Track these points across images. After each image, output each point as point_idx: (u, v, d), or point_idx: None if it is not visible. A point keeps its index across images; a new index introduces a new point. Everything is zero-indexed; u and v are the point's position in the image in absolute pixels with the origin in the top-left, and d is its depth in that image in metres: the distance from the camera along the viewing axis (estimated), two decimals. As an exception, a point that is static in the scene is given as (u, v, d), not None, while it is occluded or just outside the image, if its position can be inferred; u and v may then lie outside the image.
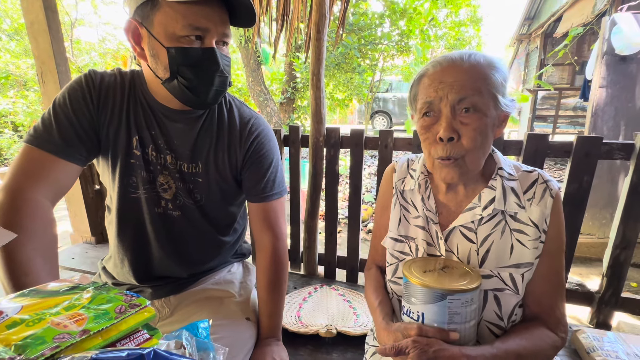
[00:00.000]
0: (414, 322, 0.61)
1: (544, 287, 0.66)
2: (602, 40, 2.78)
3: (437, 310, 0.58)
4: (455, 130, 0.61)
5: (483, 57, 0.63)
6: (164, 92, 0.77)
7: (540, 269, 0.66)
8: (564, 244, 0.68)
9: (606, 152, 1.18)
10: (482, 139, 0.62)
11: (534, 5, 7.06)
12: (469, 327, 0.60)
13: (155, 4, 0.67)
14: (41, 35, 1.61)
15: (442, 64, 0.64)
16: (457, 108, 0.62)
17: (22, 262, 0.65)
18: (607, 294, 1.29)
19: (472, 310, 0.59)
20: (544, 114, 6.43)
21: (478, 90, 0.60)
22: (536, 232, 0.65)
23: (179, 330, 0.50)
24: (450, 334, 0.57)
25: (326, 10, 1.39)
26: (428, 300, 0.58)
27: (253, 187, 0.90)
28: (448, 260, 0.68)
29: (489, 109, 0.61)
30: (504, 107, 0.63)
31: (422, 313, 0.60)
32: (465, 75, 0.61)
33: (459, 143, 0.62)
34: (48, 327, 0.34)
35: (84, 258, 1.75)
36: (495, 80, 0.61)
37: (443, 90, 0.61)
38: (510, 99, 0.64)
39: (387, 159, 1.42)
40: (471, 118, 0.61)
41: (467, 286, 0.58)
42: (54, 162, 0.73)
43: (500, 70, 0.62)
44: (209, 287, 0.96)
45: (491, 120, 0.62)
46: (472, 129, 0.61)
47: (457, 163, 0.63)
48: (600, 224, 2.76)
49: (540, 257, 0.65)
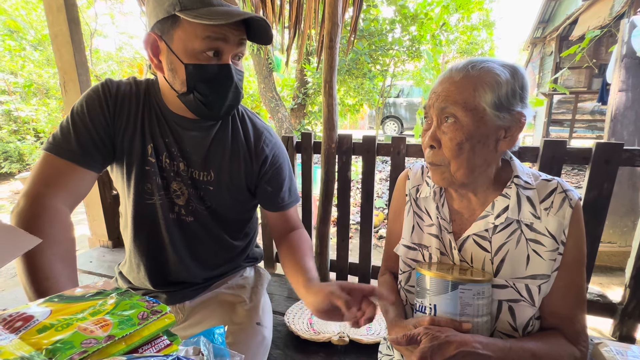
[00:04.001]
0: (426, 315, 0.62)
1: (563, 301, 0.64)
2: (621, 42, 2.71)
3: (449, 301, 0.60)
4: (436, 139, 0.64)
5: (479, 69, 0.60)
6: (178, 102, 0.79)
7: (558, 283, 0.64)
8: (584, 256, 0.65)
9: (627, 158, 1.15)
10: (462, 150, 0.61)
11: (548, 8, 6.95)
12: (481, 322, 0.60)
13: (175, 20, 0.69)
14: (64, 47, 1.68)
15: (444, 74, 0.65)
16: (441, 117, 0.63)
17: (43, 267, 0.67)
18: (631, 305, 1.24)
19: (484, 304, 0.60)
20: (560, 118, 6.28)
21: (461, 102, 0.60)
22: (553, 243, 0.63)
23: (197, 336, 0.51)
24: (463, 324, 0.58)
25: (338, 19, 1.40)
26: (440, 290, 0.60)
27: (272, 199, 0.93)
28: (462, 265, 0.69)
29: (471, 121, 0.60)
30: (498, 121, 0.60)
31: (434, 305, 0.61)
32: (452, 86, 0.61)
33: (440, 151, 0.64)
34: (76, 332, 0.35)
35: (101, 262, 1.80)
36: (484, 93, 0.59)
37: (432, 99, 0.64)
38: (514, 112, 0.61)
39: (400, 165, 1.41)
40: (449, 128, 0.62)
41: (477, 277, 0.61)
42: (72, 170, 0.76)
43: (497, 82, 0.59)
44: (222, 291, 0.97)
45: (477, 133, 0.60)
46: (449, 138, 0.62)
47: (441, 169, 0.65)
48: (621, 232, 2.67)
49: (558, 270, 0.63)
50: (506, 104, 0.60)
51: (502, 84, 0.59)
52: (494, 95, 0.59)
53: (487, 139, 0.62)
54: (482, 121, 0.60)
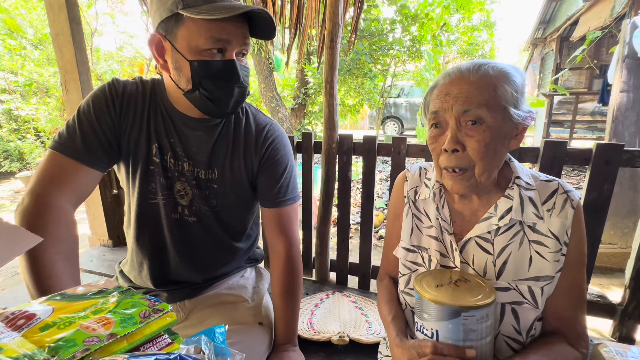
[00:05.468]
0: (429, 340, 0.59)
1: (565, 302, 0.64)
2: (623, 43, 2.71)
3: (451, 328, 0.56)
4: (459, 142, 0.61)
5: (493, 68, 0.61)
6: (184, 101, 0.79)
7: (561, 283, 0.64)
8: (585, 257, 0.66)
9: (627, 159, 1.15)
10: (489, 151, 0.61)
11: (549, 9, 6.95)
12: (485, 343, 0.57)
13: (179, 18, 0.70)
14: (66, 46, 1.68)
15: (451, 75, 0.63)
16: (462, 120, 0.61)
17: (46, 265, 0.67)
18: (631, 306, 1.24)
19: (487, 326, 0.57)
20: (561, 119, 6.29)
21: (484, 103, 0.59)
22: (556, 244, 0.63)
23: (198, 335, 0.51)
24: (467, 351, 0.55)
25: (339, 19, 1.40)
26: (442, 317, 0.56)
27: (267, 192, 0.91)
28: (461, 272, 0.66)
29: (495, 122, 0.60)
30: (517, 119, 0.61)
31: (436, 330, 0.58)
32: (471, 87, 0.60)
33: (465, 154, 0.62)
34: (78, 330, 0.35)
35: (102, 261, 1.80)
36: (505, 91, 0.60)
37: (448, 102, 0.62)
38: (526, 111, 0.62)
39: (400, 165, 1.41)
40: (476, 130, 0.60)
41: (481, 302, 0.55)
42: (76, 168, 0.76)
43: (512, 81, 0.61)
44: (223, 291, 0.97)
45: (500, 133, 0.61)
46: (476, 141, 0.60)
47: (466, 175, 0.63)
48: (622, 233, 2.67)
49: (561, 270, 0.64)
50: (520, 102, 0.62)
51: (517, 84, 0.61)
52: (512, 94, 0.60)
53: (504, 139, 0.62)
54: (504, 120, 0.61)
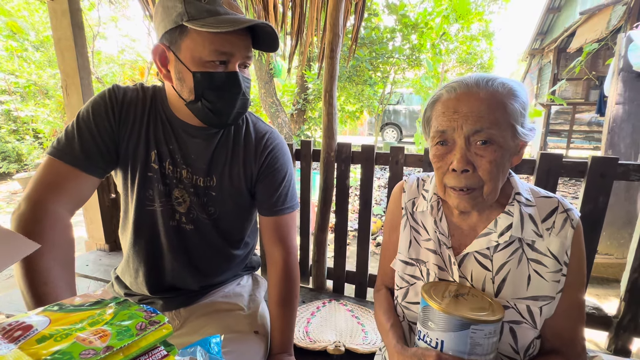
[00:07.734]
0: (432, 349, 0.57)
1: (565, 322, 0.64)
2: (619, 56, 2.75)
3: (458, 340, 0.55)
4: (469, 162, 0.59)
5: (502, 85, 0.60)
6: (185, 110, 0.80)
7: (562, 304, 0.63)
8: (585, 277, 0.65)
9: (622, 173, 1.16)
10: (498, 170, 0.60)
11: (546, 20, 7.05)
12: None
13: (183, 30, 0.70)
14: (68, 51, 1.69)
15: (457, 90, 0.61)
16: (472, 139, 0.59)
17: (42, 272, 0.67)
18: (626, 318, 1.25)
19: (493, 343, 0.56)
20: (558, 129, 6.35)
21: (495, 122, 0.57)
22: (556, 264, 0.62)
23: (193, 345, 0.51)
24: None
25: (340, 30, 1.42)
26: (449, 327, 0.55)
27: (266, 201, 0.91)
28: (470, 287, 0.65)
29: (506, 141, 0.59)
30: (522, 137, 0.61)
31: (442, 341, 0.56)
32: (481, 105, 0.58)
33: (474, 174, 0.60)
34: (74, 343, 0.35)
35: (98, 265, 1.79)
36: (513, 109, 0.59)
37: (457, 120, 0.59)
38: (529, 128, 0.62)
39: (398, 175, 1.42)
40: (487, 150, 0.58)
41: (491, 317, 0.55)
42: (74, 175, 0.76)
43: (519, 98, 0.60)
44: (219, 299, 0.97)
45: (508, 151, 0.60)
46: (488, 161, 0.58)
47: (473, 195, 0.61)
48: (618, 244, 2.67)
49: (562, 291, 0.63)
50: (526, 119, 0.61)
51: (523, 101, 0.60)
52: (520, 112, 0.60)
53: (510, 156, 0.62)
54: (512, 139, 0.60)
